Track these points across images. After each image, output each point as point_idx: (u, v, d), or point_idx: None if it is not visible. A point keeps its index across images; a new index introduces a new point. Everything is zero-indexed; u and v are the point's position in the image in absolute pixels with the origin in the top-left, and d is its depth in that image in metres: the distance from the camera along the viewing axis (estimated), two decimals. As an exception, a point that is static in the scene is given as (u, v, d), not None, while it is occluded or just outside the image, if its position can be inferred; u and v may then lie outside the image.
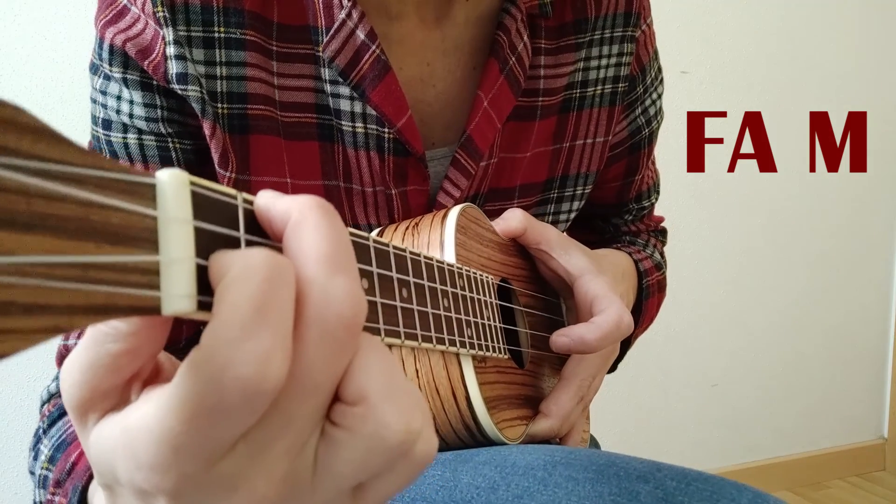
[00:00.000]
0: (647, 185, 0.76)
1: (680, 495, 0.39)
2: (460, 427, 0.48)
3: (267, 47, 0.53)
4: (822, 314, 1.92)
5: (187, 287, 0.22)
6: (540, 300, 0.63)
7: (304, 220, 0.24)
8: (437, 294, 0.41)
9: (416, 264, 0.38)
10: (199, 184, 0.23)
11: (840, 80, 1.82)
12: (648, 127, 0.70)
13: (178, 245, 0.22)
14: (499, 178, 0.62)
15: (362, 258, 0.31)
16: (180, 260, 0.22)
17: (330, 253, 0.23)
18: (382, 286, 0.32)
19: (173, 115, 0.53)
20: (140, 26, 0.51)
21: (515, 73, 0.59)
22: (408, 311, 0.35)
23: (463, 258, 0.50)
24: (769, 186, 1.79)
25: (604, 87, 0.65)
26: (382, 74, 0.54)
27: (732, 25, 1.69)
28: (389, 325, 0.32)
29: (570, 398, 0.56)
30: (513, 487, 0.42)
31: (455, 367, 0.46)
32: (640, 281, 0.71)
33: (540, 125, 0.63)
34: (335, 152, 0.56)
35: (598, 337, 0.52)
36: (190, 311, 0.22)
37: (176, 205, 0.22)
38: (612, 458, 0.44)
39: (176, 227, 0.22)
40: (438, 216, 0.52)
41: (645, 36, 0.66)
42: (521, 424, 0.53)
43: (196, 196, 0.22)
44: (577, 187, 0.67)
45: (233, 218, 0.24)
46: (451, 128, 0.60)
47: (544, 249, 0.58)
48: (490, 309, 0.50)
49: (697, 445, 1.83)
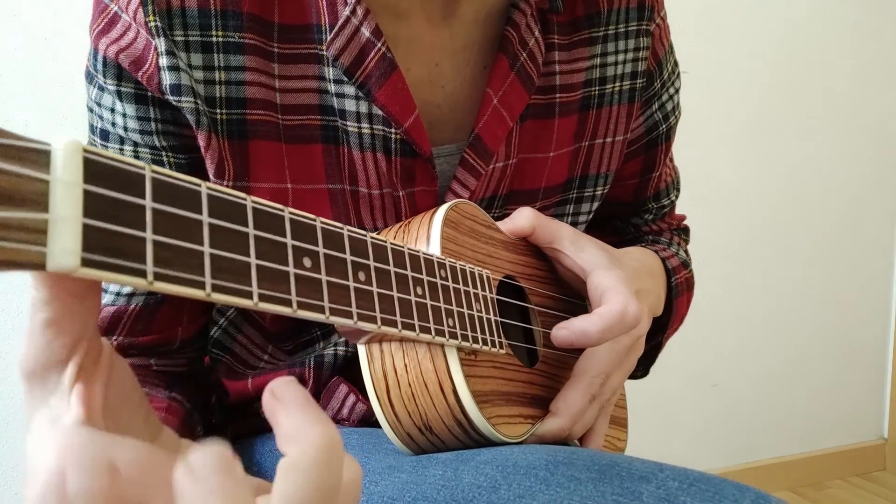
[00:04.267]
0: (664, 182, 0.74)
1: (682, 496, 0.39)
2: (453, 423, 0.47)
3: (267, 49, 0.52)
4: (823, 314, 1.92)
5: (72, 243, 0.23)
6: (561, 302, 0.61)
7: (297, 465, 0.25)
8: (408, 280, 0.41)
9: (378, 248, 0.39)
10: (97, 153, 0.25)
11: (840, 80, 1.82)
12: (666, 123, 0.69)
13: (66, 205, 0.23)
14: (521, 179, 0.61)
15: (310, 239, 0.33)
16: (66, 219, 0.23)
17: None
18: (330, 266, 0.34)
19: (168, 126, 0.52)
20: (132, 35, 0.50)
21: (527, 70, 0.57)
22: (364, 292, 0.37)
23: (451, 252, 0.49)
24: (769, 186, 1.79)
25: (622, 83, 0.64)
26: (388, 73, 0.52)
27: (732, 25, 1.69)
28: (336, 305, 0.34)
29: (580, 396, 0.53)
30: (514, 487, 0.42)
31: (441, 360, 0.45)
32: (668, 279, 0.68)
33: (561, 123, 0.61)
34: (340, 155, 0.55)
35: (600, 329, 0.50)
36: (74, 266, 0.23)
37: (66, 169, 0.23)
38: (614, 459, 0.43)
39: (64, 189, 0.23)
40: (429, 212, 0.51)
41: (660, 30, 0.65)
42: (525, 423, 0.52)
43: (90, 163, 0.24)
44: (596, 187, 0.66)
45: (138, 186, 0.26)
46: (460, 128, 0.59)
47: (556, 247, 0.56)
48: (483, 302, 0.49)
49: (698, 445, 1.83)
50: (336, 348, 0.59)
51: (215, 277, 0.28)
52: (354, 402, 0.59)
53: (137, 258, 0.25)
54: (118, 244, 0.25)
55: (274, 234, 0.31)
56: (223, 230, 0.29)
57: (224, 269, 0.28)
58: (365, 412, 0.59)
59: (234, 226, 0.29)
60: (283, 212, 0.32)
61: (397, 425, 0.48)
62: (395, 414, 0.47)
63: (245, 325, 0.64)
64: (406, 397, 0.46)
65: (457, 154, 0.59)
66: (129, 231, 0.25)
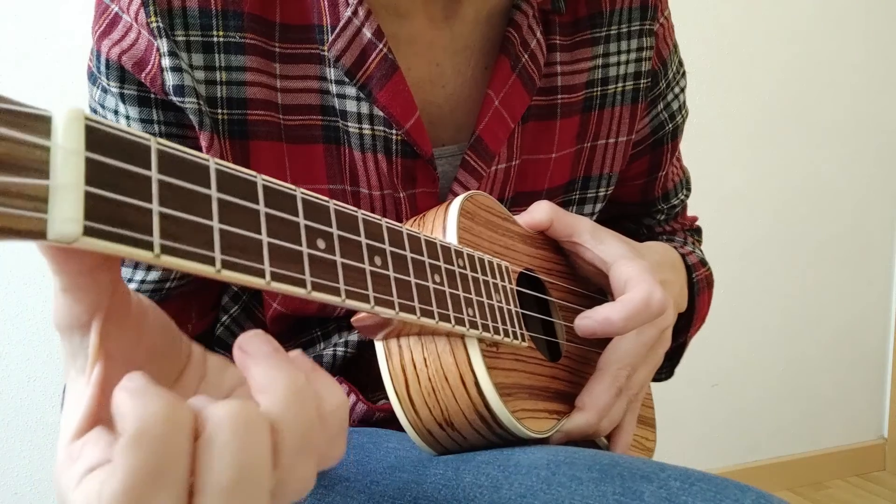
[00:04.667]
0: (672, 182, 0.73)
1: (683, 495, 0.39)
2: (475, 417, 0.45)
3: (269, 49, 0.52)
4: (823, 314, 1.92)
5: (73, 212, 0.22)
6: (581, 297, 0.59)
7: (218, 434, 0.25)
8: (425, 267, 0.39)
9: (393, 233, 0.37)
10: (100, 122, 0.24)
11: (841, 79, 1.82)
12: (672, 122, 0.68)
13: (67, 173, 0.23)
14: (524, 181, 0.61)
15: (324, 220, 0.32)
16: (67, 186, 0.22)
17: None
18: (344, 248, 0.33)
19: (171, 129, 0.52)
20: (133, 36, 0.50)
21: (529, 71, 0.57)
22: (381, 276, 0.35)
23: (468, 242, 0.47)
24: (769, 187, 1.79)
25: (625, 84, 0.63)
26: (390, 74, 0.52)
27: (733, 25, 1.69)
28: (352, 287, 0.33)
29: (606, 389, 0.51)
30: (516, 486, 0.42)
31: (462, 352, 0.44)
32: (689, 276, 0.67)
33: (563, 124, 0.61)
34: (341, 155, 0.55)
35: (624, 316, 0.48)
36: (75, 235, 0.22)
37: (67, 137, 0.23)
38: (615, 458, 0.43)
39: (65, 156, 0.23)
40: (444, 204, 0.50)
41: (664, 29, 0.65)
42: (551, 418, 0.50)
43: (92, 130, 0.24)
44: (599, 189, 0.65)
45: (143, 157, 0.25)
46: (461, 129, 0.59)
47: (576, 241, 0.55)
48: (503, 293, 0.47)
49: (698, 445, 1.83)
50: (336, 349, 0.59)
51: (225, 253, 0.27)
52: (355, 402, 0.59)
53: (143, 230, 0.24)
54: (123, 215, 0.24)
55: (286, 213, 0.30)
56: (233, 206, 0.28)
57: (234, 245, 0.27)
58: (365, 412, 0.59)
59: (245, 202, 0.28)
60: (296, 192, 0.31)
61: (417, 422, 0.46)
62: (415, 410, 0.46)
63: (248, 322, 0.64)
64: (426, 392, 0.45)
65: (458, 155, 0.59)
66: (135, 202, 0.24)
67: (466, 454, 0.47)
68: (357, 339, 0.59)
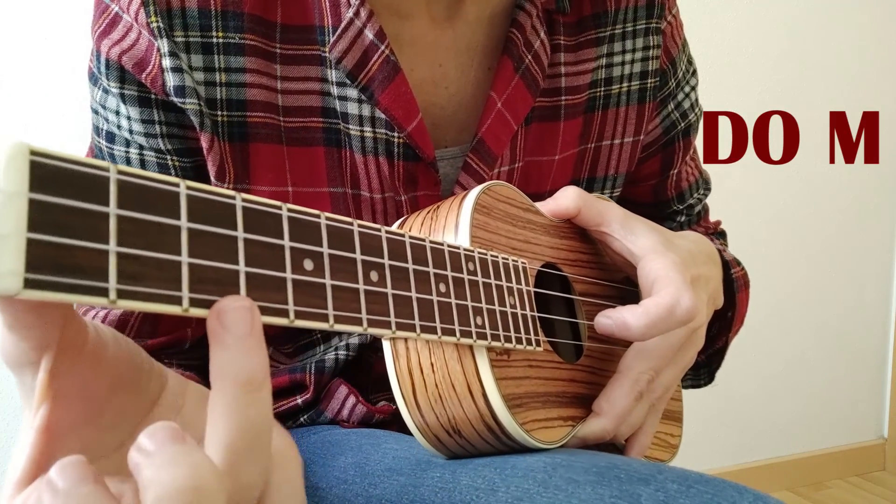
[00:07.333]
0: (687, 182, 0.71)
1: (681, 497, 0.39)
2: (482, 428, 0.44)
3: (269, 50, 0.52)
4: (823, 314, 1.92)
5: (13, 263, 0.20)
6: (609, 288, 0.56)
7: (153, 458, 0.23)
8: (429, 278, 0.37)
9: (394, 244, 0.35)
10: (50, 154, 0.22)
11: (843, 79, 1.82)
12: (685, 121, 0.67)
13: (7, 220, 0.20)
14: (527, 183, 0.60)
15: (313, 238, 0.30)
16: (6, 235, 0.20)
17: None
18: (335, 268, 0.31)
19: (172, 129, 0.52)
20: (133, 36, 0.50)
21: (532, 73, 0.56)
22: (377, 295, 0.33)
23: (482, 240, 0.45)
24: (769, 186, 1.79)
25: (630, 83, 0.62)
26: (392, 76, 0.52)
27: (737, 24, 1.69)
28: (342, 312, 0.31)
29: (625, 394, 0.49)
30: (512, 489, 0.42)
31: (469, 360, 0.42)
32: (725, 273, 0.63)
33: (566, 126, 0.60)
34: (342, 158, 0.54)
35: (644, 323, 0.46)
36: (15, 289, 0.20)
37: (7, 178, 0.21)
38: (612, 461, 0.43)
39: (4, 201, 0.20)
40: (459, 196, 0.47)
41: (672, 27, 0.63)
42: (565, 426, 0.48)
43: (38, 167, 0.21)
44: (604, 190, 0.64)
45: (101, 192, 0.23)
46: (464, 131, 0.58)
47: (605, 230, 0.52)
48: (518, 296, 0.45)
49: (697, 445, 1.83)
50: (337, 352, 0.59)
51: (194, 290, 0.25)
52: (354, 404, 0.59)
53: (96, 275, 0.22)
54: (72, 260, 0.22)
55: (268, 235, 0.28)
56: (206, 235, 0.26)
57: (206, 279, 0.25)
58: (365, 413, 0.58)
59: (220, 230, 0.26)
60: (281, 209, 0.29)
61: (424, 427, 0.45)
62: (421, 415, 0.44)
63: None
64: (433, 398, 0.43)
65: (460, 157, 0.58)
66: (87, 244, 0.22)
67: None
68: (357, 341, 0.59)
